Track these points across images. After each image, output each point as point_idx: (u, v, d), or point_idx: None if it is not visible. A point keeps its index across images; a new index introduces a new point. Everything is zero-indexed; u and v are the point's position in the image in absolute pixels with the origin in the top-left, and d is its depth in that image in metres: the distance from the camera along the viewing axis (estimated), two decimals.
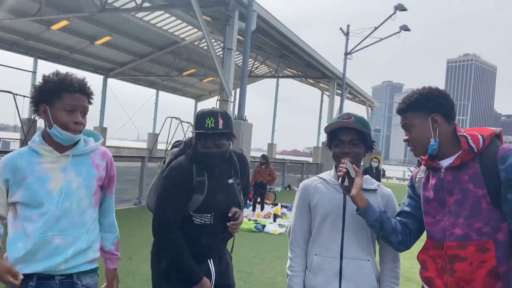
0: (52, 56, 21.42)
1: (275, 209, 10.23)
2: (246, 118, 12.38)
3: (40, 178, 1.73)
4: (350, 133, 1.89)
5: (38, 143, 1.77)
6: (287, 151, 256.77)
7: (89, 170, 1.83)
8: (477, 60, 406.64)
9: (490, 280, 1.56)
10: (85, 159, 1.83)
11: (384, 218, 1.78)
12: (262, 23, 13.57)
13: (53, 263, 1.74)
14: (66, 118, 1.71)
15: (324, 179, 2.00)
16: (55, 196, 1.73)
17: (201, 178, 2.09)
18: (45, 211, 1.72)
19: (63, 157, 1.77)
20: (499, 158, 1.59)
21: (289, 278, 1.96)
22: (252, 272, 5.30)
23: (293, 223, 2.02)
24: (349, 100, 29.23)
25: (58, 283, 1.77)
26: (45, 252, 1.73)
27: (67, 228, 1.76)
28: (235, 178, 2.23)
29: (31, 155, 1.76)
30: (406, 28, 20.20)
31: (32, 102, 1.77)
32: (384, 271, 1.94)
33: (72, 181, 1.76)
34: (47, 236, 1.72)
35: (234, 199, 2.19)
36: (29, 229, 1.72)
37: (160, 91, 28.59)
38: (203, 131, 2.03)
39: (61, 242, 1.75)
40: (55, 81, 1.71)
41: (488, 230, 1.58)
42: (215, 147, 2.06)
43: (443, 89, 1.75)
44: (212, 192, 2.10)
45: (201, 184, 2.08)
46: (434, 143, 1.70)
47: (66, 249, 1.76)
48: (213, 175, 2.12)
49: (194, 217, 2.09)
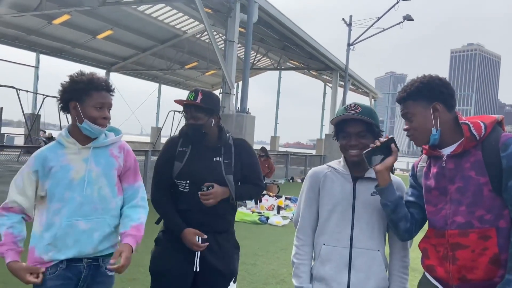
0: (54, 51, 21.43)
1: (278, 201, 10.24)
2: (249, 111, 12.37)
3: (63, 168, 1.90)
4: (357, 125, 1.85)
5: (64, 136, 1.97)
6: (290, 144, 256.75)
7: (108, 160, 2.00)
8: (481, 50, 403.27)
9: (492, 267, 1.57)
10: (104, 151, 2.00)
11: (400, 202, 1.78)
12: (264, 15, 13.49)
13: (83, 248, 1.90)
14: (95, 114, 1.92)
15: (334, 167, 1.97)
16: (77, 185, 1.90)
17: (183, 149, 2.35)
18: (69, 198, 1.89)
19: (84, 149, 1.95)
20: (501, 145, 1.58)
21: (295, 266, 1.93)
22: (256, 263, 5.33)
23: (301, 211, 1.99)
24: (352, 92, 29.11)
25: (86, 266, 1.93)
26: (73, 237, 1.88)
27: (90, 214, 1.92)
28: (224, 158, 2.34)
29: (58, 148, 1.95)
30: (409, 18, 20.01)
31: (61, 99, 1.97)
32: (393, 260, 1.92)
33: (92, 171, 1.94)
34: (72, 221, 1.88)
35: (214, 175, 2.28)
36: (54, 217, 1.87)
37: (162, 84, 28.58)
38: (184, 102, 2.29)
39: (86, 227, 1.91)
40: (85, 81, 1.91)
41: (490, 217, 1.58)
42: (192, 119, 2.29)
43: (444, 77, 1.74)
44: (190, 162, 2.31)
45: (182, 154, 2.34)
46: (436, 133, 1.69)
47: (92, 234, 1.92)
48: (197, 149, 2.35)
49: (177, 183, 2.32)
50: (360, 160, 1.86)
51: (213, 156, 2.34)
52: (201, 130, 2.29)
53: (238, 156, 2.38)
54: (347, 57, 21.42)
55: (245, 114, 11.97)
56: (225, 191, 2.29)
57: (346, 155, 1.91)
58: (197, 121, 2.28)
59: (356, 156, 1.86)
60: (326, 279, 1.86)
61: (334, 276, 1.85)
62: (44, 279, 1.84)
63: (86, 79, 1.91)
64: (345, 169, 1.93)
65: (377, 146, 1.75)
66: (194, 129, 2.29)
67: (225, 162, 2.34)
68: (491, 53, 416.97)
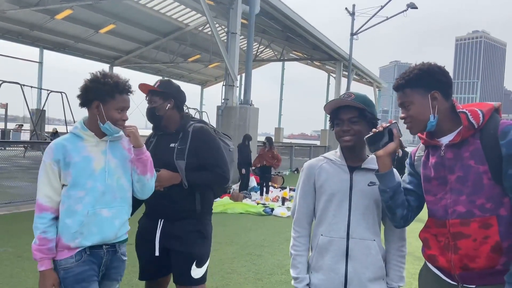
0: (57, 46, 21.46)
1: (283, 193, 10.29)
2: (252, 103, 12.35)
3: (85, 158, 2.01)
4: (349, 111, 1.87)
5: (80, 129, 2.06)
6: (295, 135, 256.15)
7: (122, 153, 2.14)
8: (486, 37, 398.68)
9: (493, 255, 1.57)
10: (118, 144, 2.14)
11: (399, 189, 1.78)
12: (266, 6, 13.40)
13: (106, 235, 2.04)
14: (117, 116, 2.04)
15: (330, 159, 1.98)
16: (98, 174, 2.02)
17: (150, 139, 2.59)
18: (91, 187, 2.00)
19: (102, 142, 2.07)
20: (500, 133, 1.57)
21: (293, 258, 1.97)
22: (262, 254, 5.38)
23: (297, 203, 2.02)
24: (356, 82, 28.97)
25: (105, 252, 2.07)
26: (97, 224, 2.01)
27: (111, 202, 2.05)
28: (179, 144, 2.45)
29: (76, 139, 2.04)
30: (413, 6, 19.80)
31: (83, 96, 2.04)
32: (390, 250, 1.94)
33: (110, 162, 2.07)
34: (96, 209, 2.00)
35: (164, 160, 2.39)
36: (77, 205, 1.97)
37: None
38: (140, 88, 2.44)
39: (108, 214, 2.04)
40: (111, 84, 2.00)
41: (490, 206, 1.58)
42: (149, 103, 2.49)
43: (443, 66, 1.72)
44: (152, 150, 2.45)
45: (149, 144, 2.56)
46: (433, 120, 1.68)
47: (113, 221, 2.06)
48: (159, 137, 2.54)
49: None
50: (355, 147, 1.87)
51: (169, 143, 2.46)
52: (154, 112, 2.45)
53: (194, 142, 2.43)
54: (350, 46, 21.29)
55: (248, 106, 11.96)
56: (173, 176, 2.37)
57: (340, 142, 1.92)
58: (152, 105, 2.46)
59: (349, 142, 1.86)
60: (324, 269, 1.89)
61: (332, 266, 1.87)
62: (71, 266, 1.97)
63: (113, 82, 2.01)
64: (341, 159, 1.94)
65: (379, 131, 1.74)
66: (149, 111, 2.48)
67: (178, 148, 2.42)
68: (496, 40, 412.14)
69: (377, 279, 1.87)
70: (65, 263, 1.97)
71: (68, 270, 1.96)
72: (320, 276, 1.90)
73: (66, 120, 17.34)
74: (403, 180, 1.90)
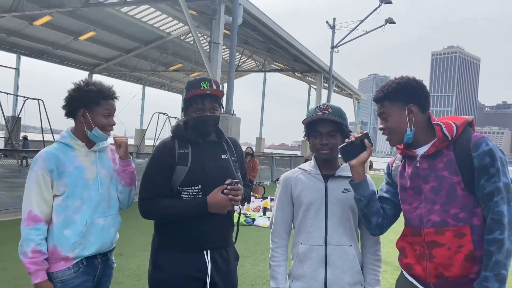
0: (35, 52, 21.05)
1: (264, 203, 10.27)
2: (234, 113, 12.36)
3: (78, 168, 1.99)
4: (328, 125, 1.93)
5: (70, 138, 2.03)
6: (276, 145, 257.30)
7: (108, 163, 2.14)
8: (461, 52, 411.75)
9: (467, 264, 1.61)
10: (104, 154, 2.13)
11: (373, 197, 1.82)
12: (249, 17, 13.52)
13: (103, 244, 2.04)
14: (104, 122, 2.02)
15: (305, 169, 2.03)
16: (92, 184, 2.01)
17: (183, 150, 2.01)
18: (87, 197, 1.99)
19: (91, 152, 2.06)
20: (472, 145, 1.63)
21: (272, 268, 2.00)
22: (243, 265, 5.34)
23: (275, 215, 2.06)
24: (336, 93, 29.39)
25: (100, 261, 2.07)
26: (95, 233, 2.00)
27: (106, 211, 2.06)
28: (230, 155, 2.11)
29: (66, 149, 2.01)
30: (391, 21, 20.31)
31: (68, 106, 2.03)
32: (366, 254, 1.99)
33: (101, 172, 2.06)
34: (93, 218, 2.00)
35: (228, 175, 2.00)
36: (74, 215, 1.95)
37: (146, 86, 28.36)
38: (200, 91, 1.98)
39: (105, 223, 2.04)
40: (95, 91, 1.99)
41: (464, 215, 1.63)
42: (210, 110, 2.01)
43: (420, 80, 1.79)
44: (198, 163, 1.99)
45: (184, 156, 2.00)
46: (410, 133, 1.74)
47: (109, 230, 2.07)
48: (199, 147, 2.03)
49: (182, 193, 1.98)
50: (331, 158, 1.94)
51: (219, 153, 2.09)
52: (218, 123, 2.07)
53: (238, 155, 2.18)
54: (331, 59, 21.63)
55: (230, 115, 11.96)
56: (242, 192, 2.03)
57: (317, 154, 1.98)
58: (214, 114, 2.03)
59: (327, 154, 1.92)
60: (304, 277, 1.93)
61: (312, 273, 1.91)
62: (69, 278, 1.93)
63: (96, 89, 2.00)
64: (316, 169, 2.00)
65: (352, 141, 1.80)
66: (213, 121, 2.03)
67: (233, 159, 2.12)
68: (470, 56, 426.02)
69: (356, 283, 1.92)
70: (62, 275, 1.91)
71: (65, 282, 1.92)
72: (301, 284, 1.93)
73: (42, 127, 16.94)
74: (380, 189, 1.96)
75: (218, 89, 2.02)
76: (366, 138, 1.80)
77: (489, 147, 1.61)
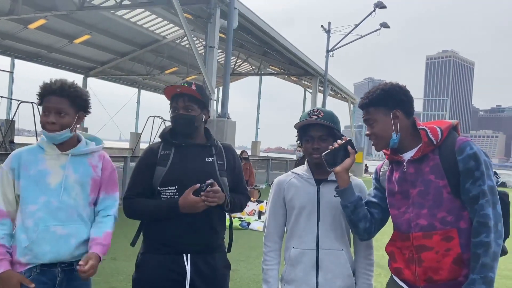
0: (30, 56, 20.95)
1: (259, 206, 10.25)
2: (230, 116, 12.37)
3: (41, 172, 1.90)
4: (320, 129, 1.94)
5: (44, 141, 1.96)
6: (271, 149, 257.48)
7: (86, 169, 1.99)
8: (455, 57, 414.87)
9: (456, 267, 1.62)
10: (83, 159, 2.00)
11: (359, 203, 1.84)
12: (244, 21, 13.55)
13: (59, 253, 1.89)
14: (43, 119, 1.92)
15: (298, 173, 2.04)
16: (53, 190, 1.90)
17: (166, 152, 2.07)
18: (45, 202, 1.88)
19: (63, 155, 1.95)
20: (457, 149, 1.65)
21: (264, 272, 2.02)
22: (238, 269, 5.32)
23: (267, 219, 2.07)
24: (332, 97, 29.48)
25: (60, 270, 1.91)
26: (50, 242, 1.87)
27: (67, 220, 1.92)
28: (217, 159, 2.11)
29: (38, 151, 1.95)
30: (386, 25, 20.47)
31: None
32: (358, 258, 2.00)
33: (69, 177, 1.93)
34: (49, 226, 1.87)
35: (211, 177, 1.99)
36: (28, 220, 1.86)
37: (141, 90, 28.28)
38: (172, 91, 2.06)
39: (63, 232, 1.90)
40: (41, 87, 1.92)
41: (451, 219, 1.65)
42: (183, 109, 2.05)
43: (404, 85, 1.81)
44: (178, 164, 2.03)
45: (165, 157, 2.06)
46: (396, 137, 1.76)
47: (69, 240, 1.91)
48: (183, 150, 2.07)
49: (162, 193, 2.03)
50: (322, 162, 1.93)
51: (204, 156, 2.09)
52: (193, 122, 2.05)
53: (228, 160, 2.15)
54: (326, 63, 21.72)
55: (226, 119, 11.96)
56: (222, 193, 2.00)
57: (309, 158, 2.00)
58: (189, 112, 2.05)
59: (319, 158, 1.93)
60: (296, 281, 1.93)
61: (303, 278, 1.91)
62: None
63: (42, 85, 1.92)
64: (308, 173, 2.01)
65: (335, 148, 1.81)
66: (186, 119, 2.04)
67: (219, 163, 2.10)
68: (465, 60, 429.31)
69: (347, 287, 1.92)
70: None
71: None
72: None
73: (36, 131, 16.84)
74: (368, 193, 1.98)
75: (191, 89, 2.04)
76: (349, 144, 1.81)
77: (473, 151, 1.62)
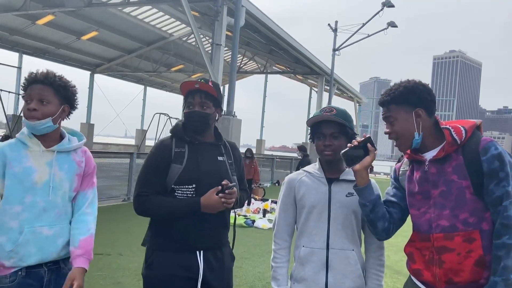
0: (37, 52, 21.07)
1: (264, 205, 10.27)
2: (235, 114, 12.37)
3: (26, 169, 1.78)
4: (331, 126, 1.92)
5: (26, 135, 1.83)
6: (276, 147, 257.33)
7: (71, 165, 1.90)
8: (462, 57, 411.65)
9: (477, 269, 1.60)
10: (67, 155, 1.90)
11: (378, 202, 1.80)
12: (251, 19, 13.53)
13: (46, 254, 1.81)
14: (23, 108, 1.84)
15: (309, 172, 2.02)
16: (40, 189, 1.79)
17: (180, 149, 2.02)
18: (30, 202, 1.77)
19: (48, 152, 1.84)
20: (481, 149, 1.62)
21: (273, 270, 2.00)
22: (243, 266, 5.34)
23: (278, 216, 2.06)
24: (337, 96, 29.37)
25: (47, 270, 1.83)
26: (36, 243, 1.78)
27: (54, 220, 1.83)
28: (227, 158, 2.12)
29: (20, 147, 1.82)
30: (393, 24, 20.32)
31: None
32: (369, 259, 1.98)
33: (56, 175, 1.83)
34: (35, 227, 1.77)
35: (222, 176, 2.00)
36: (12, 221, 1.75)
37: (148, 87, 28.35)
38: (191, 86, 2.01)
39: (49, 232, 1.81)
40: (26, 78, 1.83)
41: (473, 220, 1.62)
42: (199, 105, 2.02)
43: (427, 84, 1.77)
44: (193, 162, 2.00)
45: (180, 154, 2.01)
46: (418, 138, 1.72)
47: (56, 240, 1.83)
48: (196, 147, 2.05)
49: (176, 191, 1.99)
50: (334, 160, 1.92)
51: (216, 155, 2.09)
52: (207, 120, 2.03)
53: (236, 158, 2.18)
54: (332, 62, 21.63)
55: (231, 117, 11.96)
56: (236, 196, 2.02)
57: (321, 155, 1.98)
58: (204, 109, 2.03)
59: (330, 156, 1.91)
60: (305, 280, 1.92)
61: (313, 277, 1.90)
62: (5, 287, 1.74)
63: (27, 75, 1.83)
64: (320, 172, 1.99)
65: (355, 145, 1.77)
66: (200, 116, 2.01)
67: (229, 162, 2.12)
68: (472, 60, 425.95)
69: None
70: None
71: None
72: (302, 287, 1.93)
73: None
74: (386, 192, 1.94)
75: (209, 85, 2.02)
76: (369, 142, 1.77)
77: (498, 151, 1.59)
